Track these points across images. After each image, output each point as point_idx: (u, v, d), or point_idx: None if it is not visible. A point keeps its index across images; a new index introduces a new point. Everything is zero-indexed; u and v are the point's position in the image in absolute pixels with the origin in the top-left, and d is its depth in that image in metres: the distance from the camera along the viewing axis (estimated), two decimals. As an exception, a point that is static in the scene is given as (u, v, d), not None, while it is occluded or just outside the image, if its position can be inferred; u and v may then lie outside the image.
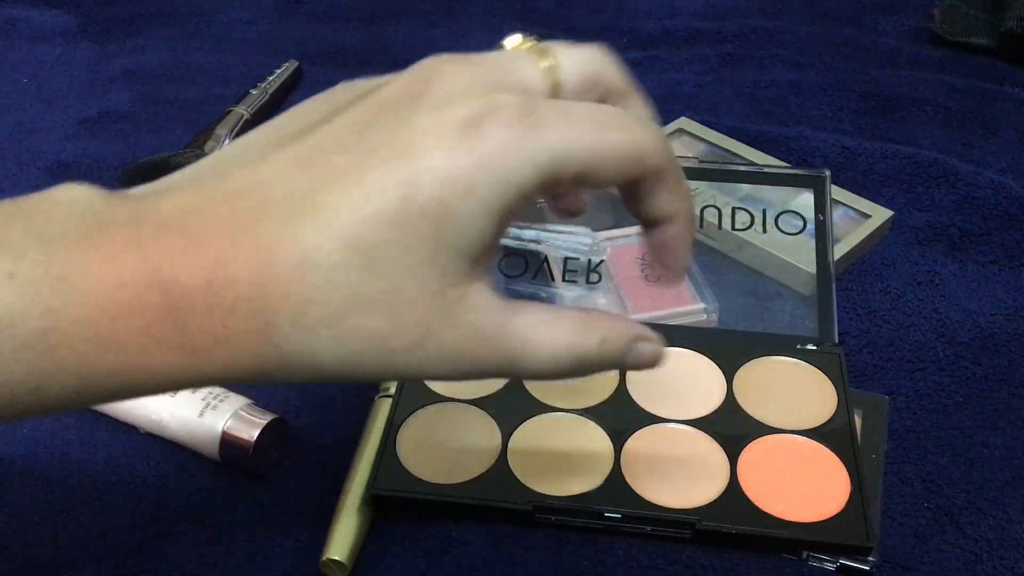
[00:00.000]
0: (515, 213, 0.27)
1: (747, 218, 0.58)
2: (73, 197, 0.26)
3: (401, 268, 0.26)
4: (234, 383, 0.27)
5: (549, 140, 0.27)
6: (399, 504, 0.44)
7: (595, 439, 0.47)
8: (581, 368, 0.30)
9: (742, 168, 0.61)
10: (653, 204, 0.30)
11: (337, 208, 0.26)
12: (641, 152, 0.28)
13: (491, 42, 0.91)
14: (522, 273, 0.55)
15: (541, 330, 0.29)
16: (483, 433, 0.47)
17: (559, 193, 0.35)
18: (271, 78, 0.76)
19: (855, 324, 0.55)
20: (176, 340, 0.26)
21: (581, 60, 0.30)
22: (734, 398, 0.48)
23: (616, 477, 0.45)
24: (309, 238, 0.25)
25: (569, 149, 0.27)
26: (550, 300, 0.55)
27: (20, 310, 0.25)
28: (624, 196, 0.31)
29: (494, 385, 0.49)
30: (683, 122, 0.70)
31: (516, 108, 0.27)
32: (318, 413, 0.50)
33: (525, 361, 0.29)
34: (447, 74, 0.28)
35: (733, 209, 0.59)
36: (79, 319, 0.25)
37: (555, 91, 0.30)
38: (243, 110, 0.71)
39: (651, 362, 0.32)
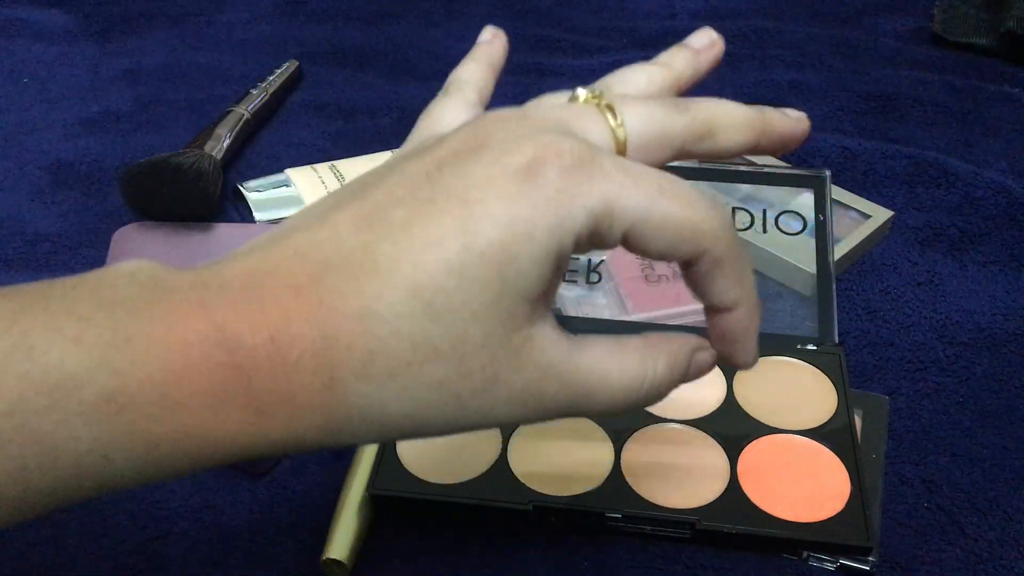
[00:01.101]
0: (569, 257, 0.27)
1: (747, 218, 0.58)
2: (135, 268, 0.27)
3: (466, 315, 0.26)
4: (302, 449, 0.27)
5: (604, 189, 0.26)
6: (399, 504, 0.44)
7: (595, 439, 0.47)
8: (652, 396, 0.30)
9: (742, 168, 0.61)
10: (713, 290, 0.30)
11: (397, 260, 0.26)
12: (696, 229, 0.28)
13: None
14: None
15: (609, 362, 0.29)
16: (483, 433, 0.47)
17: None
18: (271, 78, 0.76)
19: (855, 324, 0.56)
20: (242, 400, 0.26)
21: (649, 119, 0.30)
22: (734, 398, 0.48)
23: (616, 477, 0.45)
24: (371, 290, 0.26)
25: (622, 203, 0.27)
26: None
27: (87, 373, 0.25)
28: (686, 278, 0.30)
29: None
30: (683, 122, 0.70)
31: (574, 154, 0.27)
32: (318, 413, 0.50)
33: (597, 395, 0.29)
34: (507, 126, 0.28)
35: (733, 209, 0.59)
36: (146, 379, 0.25)
37: (620, 149, 0.29)
38: (243, 110, 0.71)
39: (708, 369, 0.32)
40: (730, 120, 0.31)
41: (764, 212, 0.59)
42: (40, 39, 0.85)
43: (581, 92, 0.31)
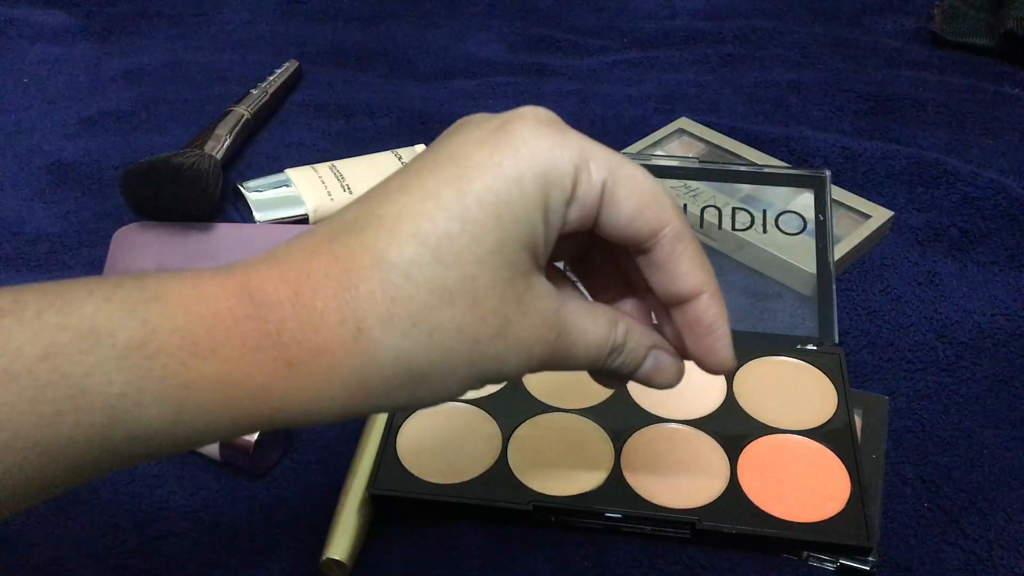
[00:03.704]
0: (559, 214, 0.29)
1: (747, 218, 0.58)
2: (161, 269, 0.29)
3: (472, 258, 0.27)
4: (336, 414, 0.28)
5: (577, 142, 0.29)
6: (399, 504, 0.44)
7: (595, 439, 0.47)
8: (611, 356, 0.32)
9: (742, 168, 0.61)
10: (677, 272, 0.31)
11: (400, 214, 0.28)
12: (660, 198, 0.30)
13: (491, 42, 0.91)
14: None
15: (585, 316, 0.31)
16: (483, 433, 0.47)
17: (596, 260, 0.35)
18: (271, 78, 0.76)
19: (855, 324, 0.56)
20: (272, 351, 0.27)
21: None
22: (734, 398, 0.48)
23: (616, 477, 0.45)
24: (380, 243, 0.27)
25: (595, 156, 0.29)
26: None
27: (119, 321, 0.26)
28: (647, 271, 0.32)
29: (494, 385, 0.49)
30: (683, 122, 0.70)
31: (545, 115, 0.29)
32: (318, 413, 0.50)
33: (578, 345, 0.31)
34: (485, 115, 0.30)
35: (733, 209, 0.59)
36: (176, 329, 0.26)
37: None
38: (243, 110, 0.71)
39: (669, 375, 0.33)
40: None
41: (764, 212, 0.59)
42: (40, 39, 0.85)
43: None
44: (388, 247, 0.27)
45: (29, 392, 0.25)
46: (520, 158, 0.28)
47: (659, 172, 0.60)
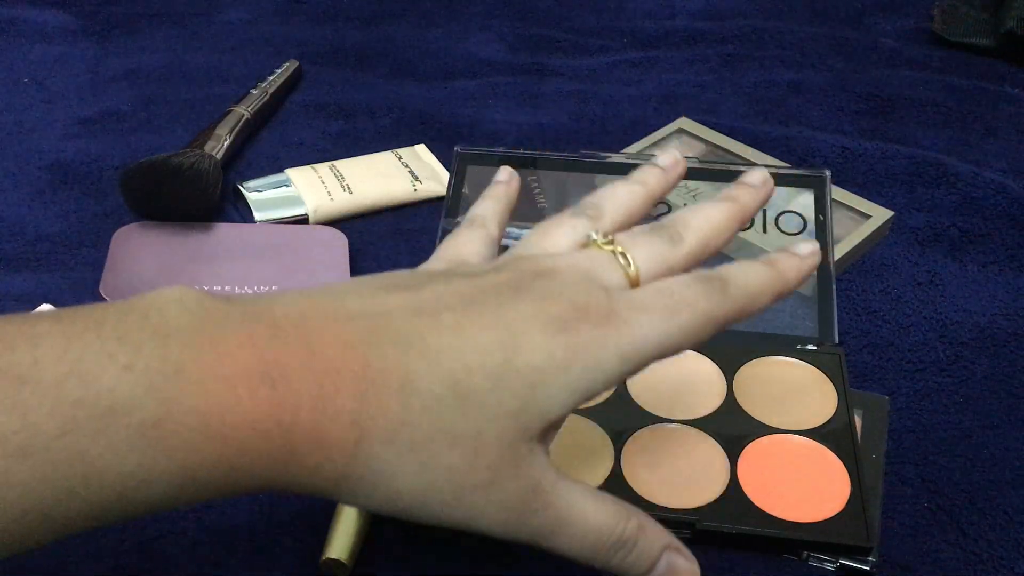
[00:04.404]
0: (593, 396, 0.31)
1: (747, 218, 0.58)
2: (181, 295, 0.28)
3: (489, 415, 0.29)
4: (307, 494, 0.29)
5: (629, 335, 0.31)
6: (399, 504, 0.44)
7: (595, 439, 0.47)
8: (617, 551, 0.32)
9: (742, 168, 0.61)
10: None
11: (447, 351, 0.29)
12: (710, 319, 0.32)
13: (491, 42, 0.90)
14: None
15: (588, 501, 0.31)
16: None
17: None
18: (271, 78, 0.76)
19: (855, 324, 0.56)
20: (280, 439, 0.27)
21: (653, 253, 0.34)
22: (734, 398, 0.48)
23: (616, 477, 0.45)
24: (416, 368, 0.28)
25: (647, 338, 0.31)
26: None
27: (137, 400, 0.26)
28: None
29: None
30: (683, 122, 0.70)
31: (600, 310, 0.31)
32: (318, 413, 0.50)
33: (571, 527, 0.31)
34: (542, 278, 0.32)
35: (733, 209, 0.59)
36: (192, 409, 0.26)
37: (634, 284, 0.33)
38: (243, 110, 0.71)
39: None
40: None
41: (764, 212, 0.59)
42: (40, 39, 0.85)
43: (593, 235, 0.35)
44: (421, 378, 0.28)
45: (43, 471, 0.25)
46: (574, 353, 0.30)
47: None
